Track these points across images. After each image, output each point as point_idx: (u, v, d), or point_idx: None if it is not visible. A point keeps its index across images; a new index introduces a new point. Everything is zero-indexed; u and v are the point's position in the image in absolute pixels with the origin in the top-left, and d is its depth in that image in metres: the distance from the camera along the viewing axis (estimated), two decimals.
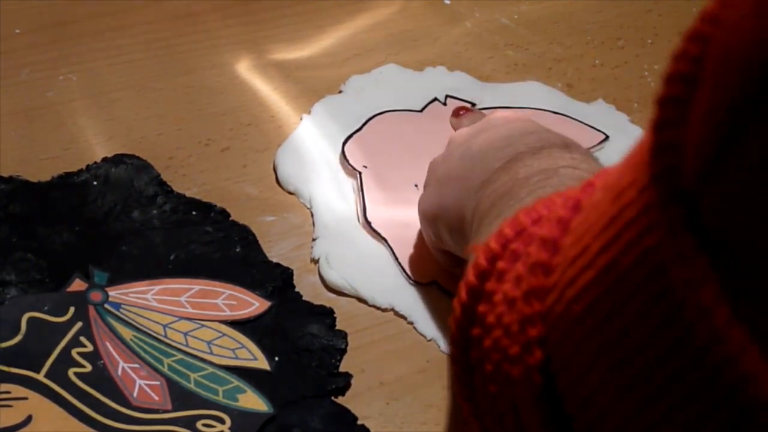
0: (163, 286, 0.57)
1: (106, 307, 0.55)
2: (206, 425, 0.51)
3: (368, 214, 0.62)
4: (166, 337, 0.55)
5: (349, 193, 0.65)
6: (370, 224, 0.62)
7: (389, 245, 0.61)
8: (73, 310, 0.55)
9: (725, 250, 0.25)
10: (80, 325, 0.54)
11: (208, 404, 0.52)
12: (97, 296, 0.56)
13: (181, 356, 0.54)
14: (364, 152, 0.66)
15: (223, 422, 0.51)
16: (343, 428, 0.53)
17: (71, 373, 0.52)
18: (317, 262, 0.61)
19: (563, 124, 0.69)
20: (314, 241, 0.62)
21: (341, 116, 0.69)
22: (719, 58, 0.24)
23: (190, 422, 0.51)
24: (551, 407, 0.33)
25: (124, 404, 0.51)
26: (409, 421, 0.54)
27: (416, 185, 0.64)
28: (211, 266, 0.58)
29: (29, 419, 0.50)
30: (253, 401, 0.53)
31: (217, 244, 0.60)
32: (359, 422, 0.53)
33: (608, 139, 0.69)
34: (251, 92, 0.71)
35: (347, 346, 0.56)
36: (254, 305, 0.57)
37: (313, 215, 0.63)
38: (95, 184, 0.62)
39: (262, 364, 0.54)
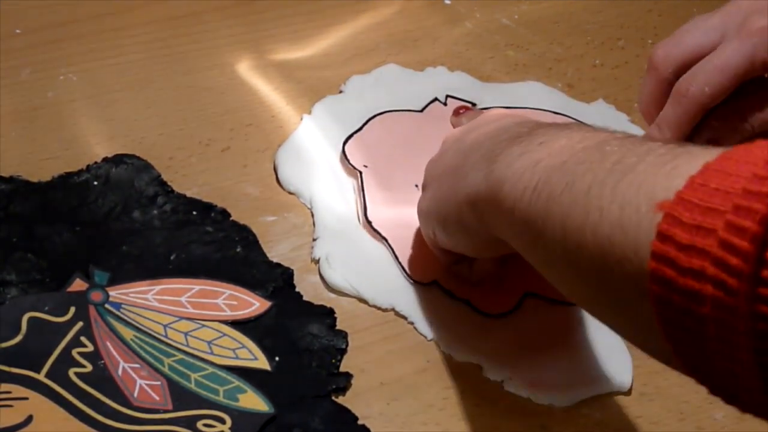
0: (163, 286, 0.57)
1: (106, 307, 0.55)
2: (207, 425, 0.51)
3: (369, 213, 0.62)
4: (166, 337, 0.55)
5: (349, 193, 0.65)
6: (370, 224, 0.62)
7: (390, 245, 0.61)
8: (73, 310, 0.55)
9: None
10: (81, 325, 0.54)
11: (208, 404, 0.52)
12: (97, 296, 0.56)
13: (181, 356, 0.54)
14: (364, 152, 0.66)
15: (223, 422, 0.51)
16: (343, 428, 0.53)
17: (72, 373, 0.52)
18: (318, 262, 0.61)
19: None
20: (315, 241, 0.62)
21: (342, 116, 0.69)
22: None
23: (190, 422, 0.51)
24: None
25: (124, 404, 0.51)
26: (409, 421, 0.54)
27: (416, 185, 0.64)
28: (211, 266, 0.58)
29: (29, 419, 0.50)
30: (253, 401, 0.53)
31: (217, 244, 0.60)
32: (359, 422, 0.53)
33: None
34: (252, 92, 0.71)
35: (348, 346, 0.56)
36: (255, 305, 0.57)
37: (313, 215, 0.63)
38: (95, 184, 0.62)
39: (262, 364, 0.54)
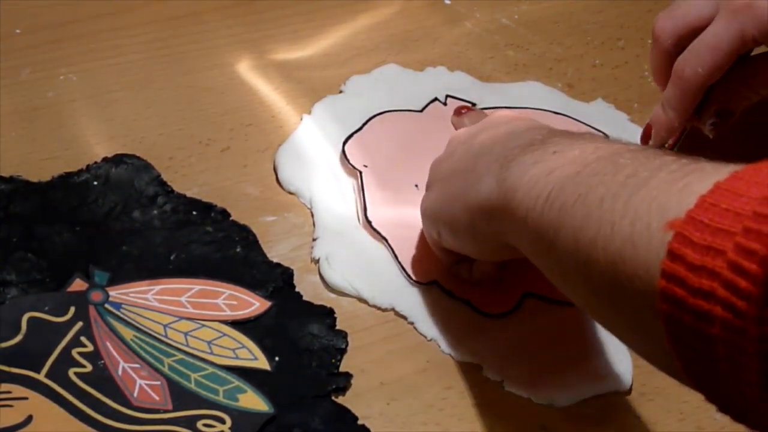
0: (163, 286, 0.57)
1: (106, 307, 0.55)
2: (206, 425, 0.51)
3: (369, 213, 0.62)
4: (166, 337, 0.55)
5: (349, 193, 0.65)
6: (370, 224, 0.62)
7: (390, 245, 0.61)
8: (73, 310, 0.55)
9: None
10: (81, 325, 0.54)
11: (208, 404, 0.52)
12: (97, 296, 0.56)
13: (181, 356, 0.54)
14: (364, 152, 0.66)
15: (223, 422, 0.51)
16: (343, 428, 0.53)
17: (71, 373, 0.52)
18: (318, 262, 0.61)
19: (563, 124, 0.69)
20: (315, 241, 0.62)
21: (341, 116, 0.69)
22: None
23: (190, 422, 0.51)
24: None
25: (124, 404, 0.51)
26: (409, 421, 0.54)
27: (416, 185, 0.64)
28: (211, 266, 0.58)
29: (29, 419, 0.50)
30: (253, 401, 0.53)
31: (217, 244, 0.60)
32: (359, 422, 0.53)
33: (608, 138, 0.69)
34: (251, 92, 0.71)
35: (348, 346, 0.56)
36: (255, 305, 0.57)
37: (313, 215, 0.63)
38: (95, 184, 0.62)
39: (262, 364, 0.54)
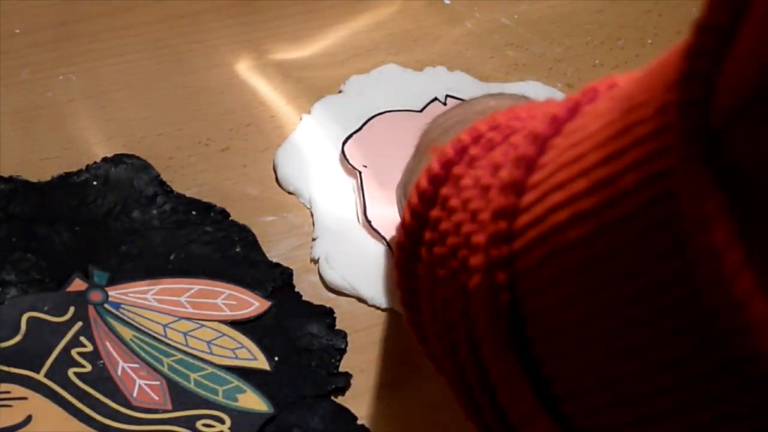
0: (162, 286, 0.57)
1: (105, 306, 0.55)
2: (206, 425, 0.51)
3: (368, 213, 0.62)
4: (165, 337, 0.55)
5: (349, 192, 0.65)
6: (370, 223, 0.62)
7: (389, 245, 0.61)
8: (72, 309, 0.55)
9: (745, 191, 0.23)
10: (80, 325, 0.54)
11: (208, 404, 0.52)
12: (97, 296, 0.56)
13: (180, 356, 0.54)
14: (364, 152, 0.66)
15: (223, 422, 0.51)
16: (343, 428, 0.53)
17: (71, 373, 0.52)
18: (317, 262, 0.61)
19: None
20: (314, 241, 0.62)
21: (341, 116, 0.69)
22: None
23: (190, 422, 0.51)
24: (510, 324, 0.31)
25: (123, 404, 0.51)
26: (409, 421, 0.54)
27: None
28: (211, 266, 0.58)
29: (29, 419, 0.50)
30: (253, 401, 0.53)
31: (217, 244, 0.60)
32: (359, 422, 0.53)
33: None
34: (251, 92, 0.71)
35: (347, 346, 0.56)
36: (254, 305, 0.57)
37: (313, 215, 0.63)
38: (95, 184, 0.62)
39: (262, 364, 0.54)
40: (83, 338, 0.54)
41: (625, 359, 0.27)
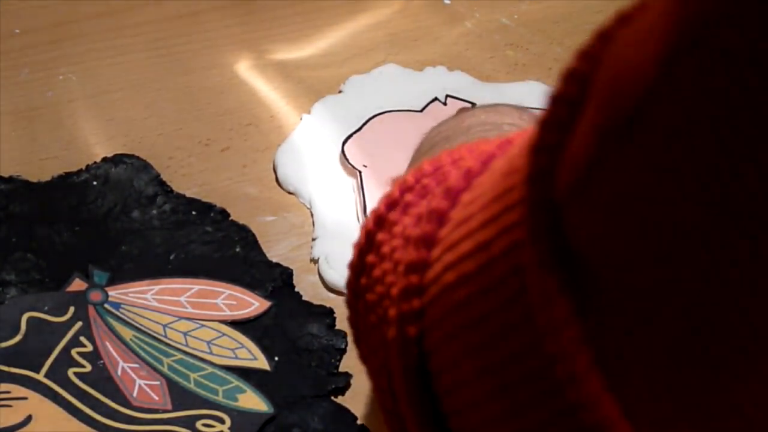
0: (162, 285, 0.57)
1: (105, 306, 0.55)
2: (206, 425, 0.51)
3: (368, 213, 0.62)
4: (165, 336, 0.55)
5: (349, 192, 0.65)
6: None
7: None
8: (72, 309, 0.55)
9: (583, 269, 0.24)
10: (80, 324, 0.54)
11: (208, 404, 0.52)
12: (96, 296, 0.56)
13: (180, 356, 0.54)
14: (364, 152, 0.66)
15: (223, 422, 0.51)
16: (343, 428, 0.53)
17: (71, 372, 0.52)
18: (317, 261, 0.61)
19: None
20: (314, 240, 0.62)
21: (341, 116, 0.69)
22: (605, 79, 0.23)
23: (190, 422, 0.51)
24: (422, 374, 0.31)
25: (123, 404, 0.51)
26: None
27: None
28: (210, 266, 0.58)
29: (29, 419, 0.50)
30: (253, 401, 0.53)
31: (216, 244, 0.60)
32: (359, 422, 0.53)
33: None
34: (251, 92, 0.71)
35: (347, 345, 0.56)
36: (254, 305, 0.57)
37: (312, 215, 0.63)
38: (95, 184, 0.62)
39: (262, 364, 0.54)
40: (83, 338, 0.54)
41: (503, 423, 0.28)
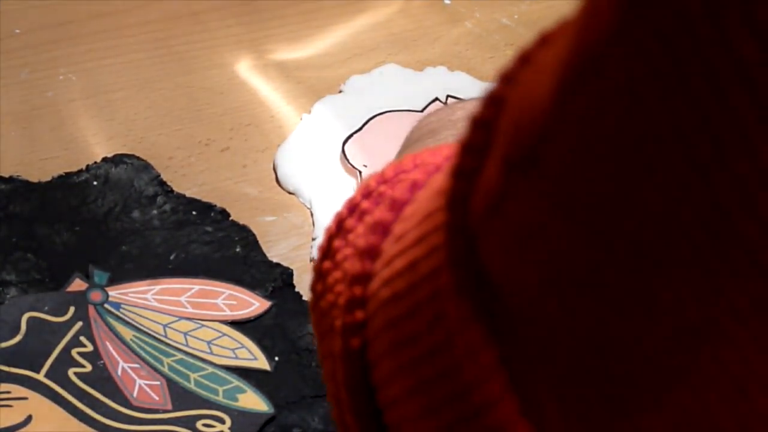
0: (163, 286, 0.57)
1: (106, 306, 0.55)
2: (206, 425, 0.51)
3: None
4: (166, 337, 0.55)
5: (349, 192, 0.64)
6: None
7: None
8: (73, 310, 0.55)
9: (496, 295, 0.24)
10: (80, 324, 0.54)
11: (208, 404, 0.52)
12: (97, 296, 0.56)
13: (181, 356, 0.54)
14: (364, 152, 0.66)
15: (223, 422, 0.51)
16: None
17: (71, 372, 0.52)
18: None
19: None
20: (314, 240, 0.62)
21: (341, 116, 0.69)
22: (509, 118, 0.24)
23: (190, 422, 0.51)
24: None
25: (124, 404, 0.51)
26: None
27: None
28: (211, 266, 0.58)
29: (29, 419, 0.50)
30: (253, 401, 0.53)
31: (217, 244, 0.60)
32: None
33: None
34: (251, 92, 0.71)
35: None
36: (254, 305, 0.57)
37: (313, 215, 0.63)
38: (95, 184, 0.62)
39: (262, 364, 0.54)
40: (83, 338, 0.54)
41: None
